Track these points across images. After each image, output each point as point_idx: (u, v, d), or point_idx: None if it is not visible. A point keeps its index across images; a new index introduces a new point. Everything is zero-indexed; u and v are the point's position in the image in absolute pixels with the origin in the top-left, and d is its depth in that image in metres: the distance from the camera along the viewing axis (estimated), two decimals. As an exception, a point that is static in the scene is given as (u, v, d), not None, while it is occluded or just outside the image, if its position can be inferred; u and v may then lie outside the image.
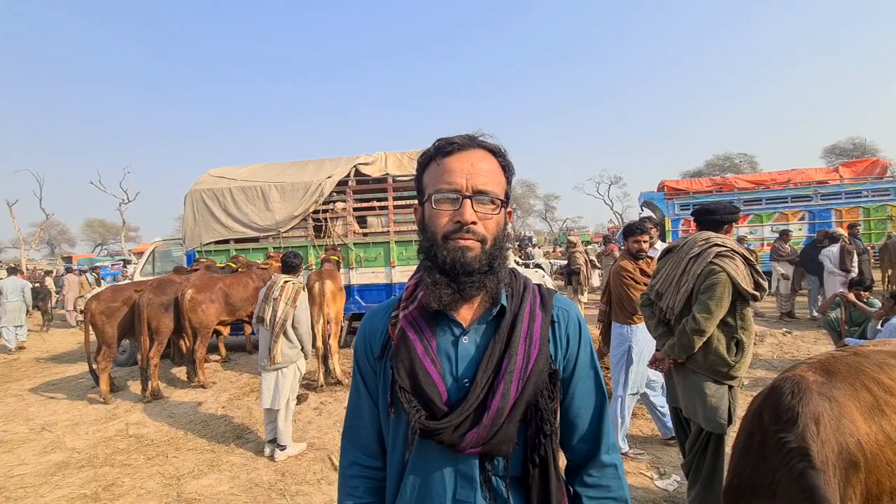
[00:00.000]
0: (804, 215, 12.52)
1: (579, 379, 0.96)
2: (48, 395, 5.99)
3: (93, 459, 4.06)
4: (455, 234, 0.85)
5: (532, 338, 0.89)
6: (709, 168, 37.93)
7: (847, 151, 32.35)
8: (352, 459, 1.01)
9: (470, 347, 0.90)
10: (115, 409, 5.26)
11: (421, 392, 0.86)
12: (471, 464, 0.87)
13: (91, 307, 5.33)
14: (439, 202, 0.87)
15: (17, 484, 3.69)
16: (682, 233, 13.39)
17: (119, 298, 5.45)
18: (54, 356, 8.73)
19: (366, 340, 1.00)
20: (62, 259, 31.94)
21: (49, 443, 4.48)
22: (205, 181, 7.47)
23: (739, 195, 13.07)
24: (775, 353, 6.16)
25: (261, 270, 6.55)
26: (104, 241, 45.83)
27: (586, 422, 0.96)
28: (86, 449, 4.29)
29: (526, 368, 0.86)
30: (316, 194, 6.96)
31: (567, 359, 0.96)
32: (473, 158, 0.88)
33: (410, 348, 0.88)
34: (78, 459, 4.08)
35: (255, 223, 7.08)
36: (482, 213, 0.87)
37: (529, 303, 0.93)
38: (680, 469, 3.33)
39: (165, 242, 8.66)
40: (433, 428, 0.83)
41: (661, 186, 14.41)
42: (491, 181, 0.88)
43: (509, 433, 0.85)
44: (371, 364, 0.98)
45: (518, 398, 0.85)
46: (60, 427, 4.86)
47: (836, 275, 7.34)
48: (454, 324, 0.91)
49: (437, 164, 0.90)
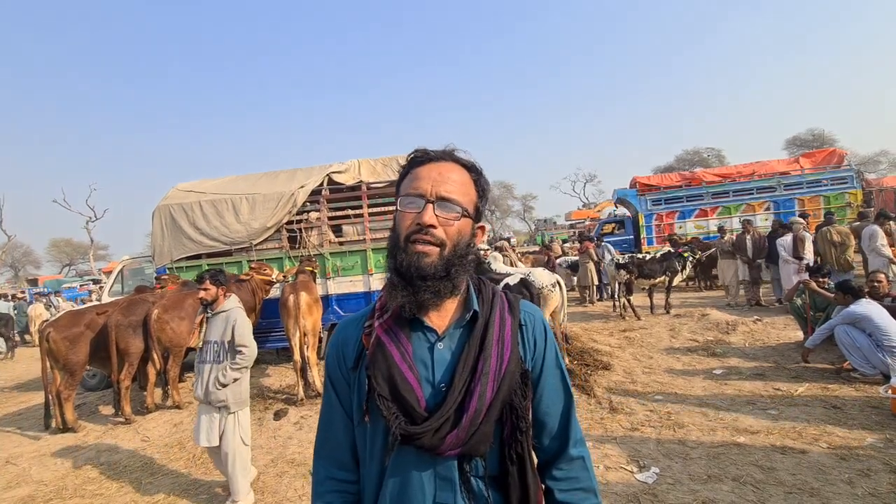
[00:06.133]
0: (769, 205, 12.97)
1: (547, 378, 1.01)
2: (12, 427, 5.71)
3: (61, 491, 3.89)
4: (415, 236, 0.88)
5: (504, 341, 0.93)
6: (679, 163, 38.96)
7: (807, 142, 33.65)
8: (326, 474, 1.01)
9: (445, 353, 0.93)
10: (84, 437, 5.05)
11: (400, 398, 0.87)
12: (449, 466, 0.89)
13: (50, 335, 5.07)
14: (405, 205, 0.91)
15: (-20, 522, 3.51)
16: (654, 228, 13.72)
17: (81, 323, 5.22)
18: (20, 384, 8.36)
19: (338, 352, 1.01)
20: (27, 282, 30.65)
21: (14, 476, 4.27)
22: (173, 196, 7.27)
23: (708, 189, 13.46)
24: (747, 341, 6.34)
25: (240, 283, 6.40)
26: (72, 262, 44.16)
27: (555, 419, 1.01)
28: (54, 481, 4.10)
29: (500, 369, 0.90)
30: (289, 205, 6.85)
31: (535, 359, 1.00)
32: (443, 169, 0.92)
33: (387, 355, 0.90)
34: (45, 492, 3.89)
35: (226, 236, 6.91)
36: (443, 218, 0.89)
37: (499, 308, 0.98)
38: (659, 460, 3.40)
39: (135, 260, 8.40)
40: (414, 433, 0.85)
41: (633, 183, 14.70)
42: (457, 191, 0.91)
43: (487, 433, 0.88)
44: (344, 375, 0.99)
45: (494, 398, 0.89)
46: (26, 459, 4.64)
47: (790, 262, 7.63)
48: (429, 330, 0.94)
49: (411, 173, 0.94)
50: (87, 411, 6.01)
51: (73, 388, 5.25)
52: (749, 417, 4.02)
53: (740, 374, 5.13)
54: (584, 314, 9.59)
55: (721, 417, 4.07)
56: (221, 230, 6.92)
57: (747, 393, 4.58)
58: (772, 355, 5.67)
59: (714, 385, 4.88)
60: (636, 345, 6.80)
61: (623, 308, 8.87)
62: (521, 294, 4.99)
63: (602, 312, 9.54)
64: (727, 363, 5.57)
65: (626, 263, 8.79)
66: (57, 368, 5.12)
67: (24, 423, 5.81)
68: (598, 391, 4.98)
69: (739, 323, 7.03)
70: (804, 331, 5.76)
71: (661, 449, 3.62)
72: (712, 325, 7.18)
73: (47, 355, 5.12)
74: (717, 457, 3.41)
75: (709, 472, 3.21)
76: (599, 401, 4.73)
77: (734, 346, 6.23)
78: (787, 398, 4.35)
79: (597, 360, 5.94)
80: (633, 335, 7.35)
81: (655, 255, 8.99)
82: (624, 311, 8.84)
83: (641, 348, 6.59)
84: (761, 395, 4.48)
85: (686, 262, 9.02)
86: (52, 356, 5.08)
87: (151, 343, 5.32)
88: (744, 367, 5.34)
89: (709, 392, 4.70)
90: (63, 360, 5.07)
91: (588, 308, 10.29)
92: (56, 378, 5.15)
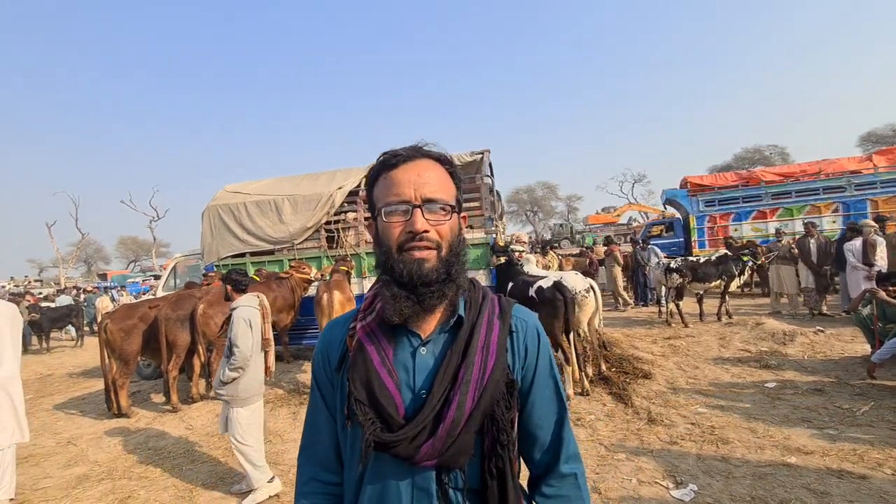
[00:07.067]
0: (837, 207, 11.94)
1: (538, 389, 0.96)
2: (76, 410, 6.20)
3: (112, 472, 4.15)
4: (409, 244, 0.85)
5: (489, 348, 0.89)
6: (737, 162, 36.74)
7: (885, 138, 30.77)
8: (310, 475, 1.00)
9: (428, 358, 0.90)
10: (136, 423, 5.40)
11: (377, 404, 0.85)
12: (427, 477, 0.86)
13: (107, 326, 5.47)
14: (390, 215, 0.87)
15: (41, 497, 3.80)
16: (707, 230, 12.98)
17: (135, 315, 5.60)
18: (85, 371, 9.06)
19: (324, 353, 1.00)
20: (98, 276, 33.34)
21: (73, 456, 4.62)
22: (221, 197, 7.65)
23: (767, 189, 12.58)
24: (806, 353, 5.85)
25: (280, 280, 6.64)
26: (137, 258, 47.67)
27: (547, 432, 0.96)
28: (107, 462, 4.40)
29: (482, 378, 0.86)
30: (327, 205, 7.04)
31: (525, 368, 0.95)
32: (419, 168, 0.89)
33: (367, 360, 0.88)
34: (98, 472, 4.18)
35: (269, 236, 7.19)
36: (433, 220, 0.86)
37: (488, 312, 0.93)
38: (698, 477, 3.18)
39: (186, 258, 8.90)
40: (388, 440, 0.82)
41: (684, 183, 13.98)
42: (439, 189, 0.88)
43: (465, 444, 0.84)
44: (329, 376, 0.97)
45: (474, 409, 0.84)
46: (85, 440, 5.01)
47: (860, 269, 6.96)
48: (412, 335, 0.91)
49: (385, 178, 0.90)
50: (141, 398, 6.43)
51: (128, 377, 5.62)
52: (803, 436, 3.69)
53: (796, 389, 4.74)
54: (627, 320, 9.22)
55: (771, 434, 3.77)
56: (266, 230, 7.21)
57: (803, 409, 4.22)
58: (834, 369, 5.20)
59: (765, 399, 4.54)
60: (681, 353, 6.45)
61: (670, 314, 8.46)
62: (555, 298, 4.84)
63: (646, 318, 9.14)
64: (782, 376, 5.16)
65: (679, 267, 8.35)
66: (113, 357, 5.51)
67: (86, 407, 6.29)
68: (636, 400, 4.75)
69: (798, 333, 6.51)
70: (871, 344, 5.24)
71: (701, 465, 3.40)
72: (767, 335, 6.69)
73: (105, 345, 5.51)
74: (763, 477, 3.15)
75: (753, 493, 2.96)
76: (637, 411, 4.51)
77: (791, 358, 5.77)
78: (849, 417, 3.97)
79: (636, 367, 5.69)
80: (679, 343, 6.98)
81: (710, 257, 8.49)
82: (671, 317, 8.43)
83: (687, 357, 6.25)
84: (819, 413, 4.11)
85: (745, 266, 8.44)
86: (108, 346, 5.47)
87: (197, 336, 5.61)
88: (800, 382, 4.93)
89: (759, 407, 4.37)
90: (118, 350, 5.45)
91: (631, 313, 9.89)
92: (112, 366, 5.53)
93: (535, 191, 46.41)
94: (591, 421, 4.36)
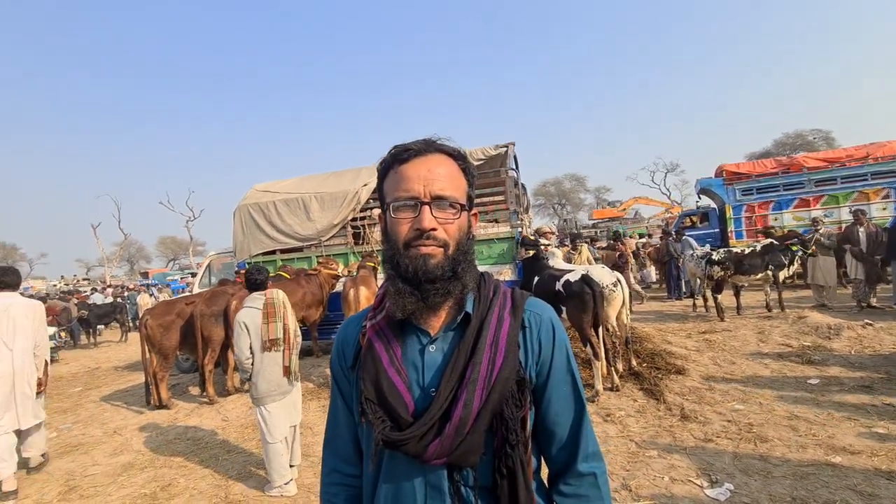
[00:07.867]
0: (888, 193, 11.24)
1: (554, 384, 0.93)
2: (121, 402, 6.52)
3: (154, 461, 4.35)
4: (416, 242, 0.84)
5: (498, 344, 0.87)
6: (777, 148, 35.10)
7: (941, 118, 28.71)
8: (332, 467, 1.03)
9: (437, 356, 0.88)
10: (176, 414, 5.64)
11: (386, 403, 0.85)
12: (439, 474, 0.85)
13: (147, 322, 5.72)
14: (398, 210, 0.86)
15: (90, 483, 4.02)
16: (744, 220, 12.46)
17: (172, 312, 5.83)
18: (130, 364, 9.52)
19: (339, 350, 1.01)
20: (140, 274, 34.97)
21: (119, 445, 4.86)
22: (251, 196, 7.85)
23: (809, 175, 11.96)
24: (853, 348, 5.55)
25: (308, 277, 6.79)
26: (176, 257, 49.70)
27: (564, 429, 0.94)
28: (149, 451, 4.61)
29: (490, 377, 0.84)
30: (353, 202, 7.12)
31: (540, 364, 0.93)
32: (430, 164, 0.87)
33: (376, 359, 0.88)
34: (142, 461, 4.39)
35: (298, 233, 7.35)
36: (442, 218, 0.85)
37: (498, 308, 0.91)
38: (734, 476, 3.07)
39: (220, 256, 9.20)
40: (396, 439, 0.82)
41: (720, 171, 13.43)
42: (449, 186, 0.87)
43: (475, 443, 0.83)
44: (345, 374, 0.99)
45: (482, 407, 0.83)
46: (129, 431, 5.27)
47: None
48: (421, 332, 0.90)
49: (395, 172, 0.89)
50: (180, 391, 6.71)
51: (167, 370, 5.87)
52: (849, 435, 3.50)
53: (842, 386, 4.50)
54: (660, 313, 8.98)
55: (814, 433, 3.59)
56: (294, 227, 7.37)
57: (849, 407, 4.00)
58: (883, 365, 4.91)
59: (808, 396, 4.33)
60: (717, 348, 6.23)
61: (706, 307, 8.14)
62: (583, 292, 4.75)
63: (679, 312, 8.88)
64: (826, 372, 4.91)
65: (721, 259, 7.96)
66: (153, 352, 5.76)
67: (130, 399, 6.61)
68: (668, 397, 4.61)
69: (845, 327, 6.17)
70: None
71: (737, 464, 3.27)
72: (810, 329, 6.38)
73: (145, 340, 5.77)
74: (805, 477, 3.01)
75: (793, 494, 2.84)
76: (669, 407, 4.38)
77: (836, 353, 5.48)
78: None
79: (669, 363, 5.52)
80: (715, 338, 6.74)
81: (755, 248, 8.08)
82: (706, 310, 8.11)
83: (723, 352, 6.03)
84: (866, 411, 3.89)
85: (795, 256, 7.87)
86: (148, 341, 5.73)
87: (230, 331, 5.79)
88: (846, 378, 4.68)
89: (800, 404, 4.17)
90: (157, 345, 5.69)
91: (664, 306, 9.62)
92: (152, 360, 5.78)
93: (562, 183, 45.70)
94: (622, 417, 4.27)
